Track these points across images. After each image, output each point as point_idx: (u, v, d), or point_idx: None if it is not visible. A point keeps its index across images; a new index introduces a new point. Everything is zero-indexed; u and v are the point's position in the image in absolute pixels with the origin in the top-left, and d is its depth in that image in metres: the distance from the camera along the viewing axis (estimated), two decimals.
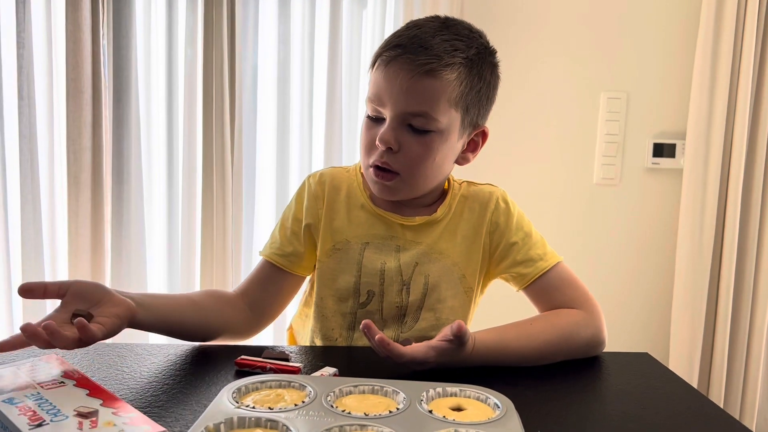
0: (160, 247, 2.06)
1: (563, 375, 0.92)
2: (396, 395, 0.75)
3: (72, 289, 0.83)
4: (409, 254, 1.04)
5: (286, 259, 1.06)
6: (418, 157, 0.98)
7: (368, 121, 1.01)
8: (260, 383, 0.77)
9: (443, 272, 1.04)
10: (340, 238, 1.06)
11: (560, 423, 0.77)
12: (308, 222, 1.07)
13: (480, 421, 0.69)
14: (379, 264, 1.04)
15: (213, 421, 0.65)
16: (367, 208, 1.06)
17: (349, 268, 1.05)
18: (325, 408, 0.70)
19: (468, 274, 1.05)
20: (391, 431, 0.65)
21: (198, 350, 0.97)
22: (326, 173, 1.11)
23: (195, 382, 0.84)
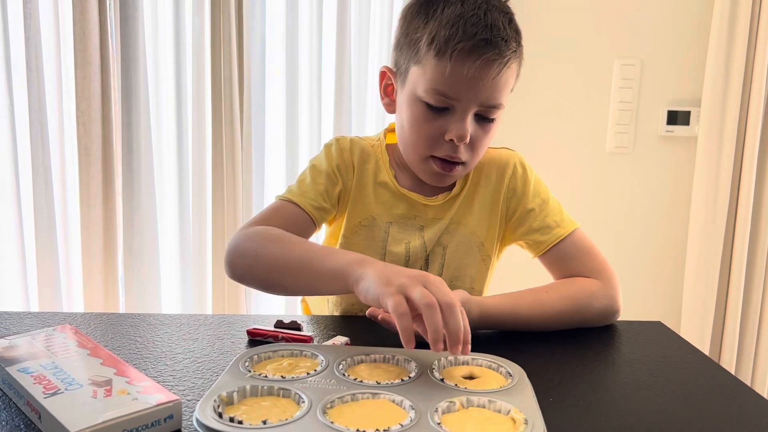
0: (172, 218, 2.06)
1: (575, 343, 0.91)
2: (408, 364, 0.75)
3: None
4: (431, 231, 1.03)
5: (318, 212, 1.01)
6: (483, 145, 0.98)
7: (428, 111, 0.93)
8: (272, 352, 0.77)
9: (462, 242, 1.04)
10: (366, 215, 1.04)
11: (572, 391, 0.76)
12: (341, 188, 1.04)
13: (492, 390, 0.69)
14: (404, 244, 1.03)
15: (226, 390, 0.65)
16: (391, 188, 1.05)
17: (375, 246, 1.04)
18: (337, 376, 0.70)
19: (486, 242, 1.05)
20: (402, 399, 0.65)
21: (210, 320, 0.97)
22: (356, 143, 1.07)
23: (207, 352, 0.85)
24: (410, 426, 0.60)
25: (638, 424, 0.68)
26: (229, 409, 0.63)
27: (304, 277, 0.86)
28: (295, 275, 0.87)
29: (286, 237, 0.91)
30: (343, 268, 0.81)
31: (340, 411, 0.63)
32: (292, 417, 0.61)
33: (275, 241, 0.91)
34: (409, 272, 0.75)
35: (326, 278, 0.83)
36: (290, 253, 0.88)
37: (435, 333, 0.69)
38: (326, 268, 0.83)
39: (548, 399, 0.73)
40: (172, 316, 0.98)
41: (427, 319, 0.69)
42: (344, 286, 0.80)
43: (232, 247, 0.94)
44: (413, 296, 0.70)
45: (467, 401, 0.66)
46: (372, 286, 0.75)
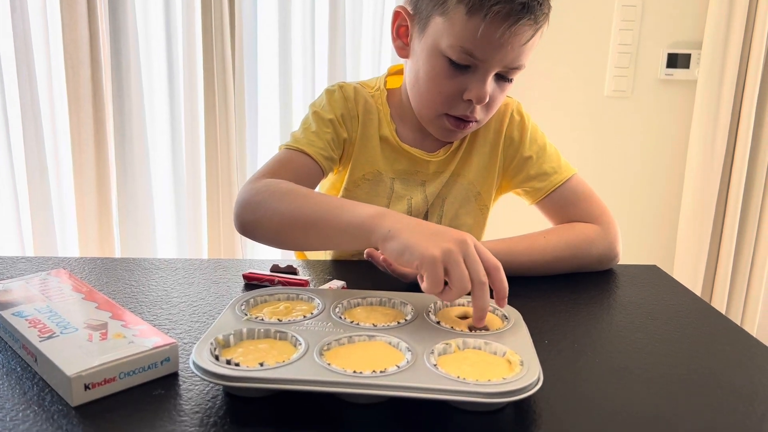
0: (165, 162, 2.04)
1: (572, 287, 0.92)
2: (404, 307, 0.75)
3: None
4: (433, 186, 1.02)
5: (327, 162, 0.98)
6: (498, 103, 0.96)
7: (449, 67, 0.89)
8: (269, 296, 0.77)
9: (460, 193, 1.03)
10: (371, 168, 1.02)
11: (567, 334, 0.77)
12: (346, 138, 1.01)
13: (488, 333, 0.69)
14: (406, 200, 1.02)
15: (222, 333, 0.65)
16: (392, 143, 1.02)
17: (378, 202, 1.02)
18: (333, 319, 0.70)
19: (483, 191, 1.04)
20: (399, 341, 0.65)
21: (206, 264, 0.97)
22: (360, 92, 1.03)
23: (203, 295, 0.84)
24: (406, 367, 0.60)
25: (633, 366, 0.69)
26: (226, 352, 0.63)
27: (319, 233, 0.81)
28: (309, 231, 0.82)
29: (298, 190, 0.86)
30: (364, 223, 0.75)
31: (336, 353, 0.63)
32: (289, 359, 0.61)
33: (287, 195, 0.85)
34: (449, 235, 0.69)
35: (344, 234, 0.77)
36: (303, 208, 0.83)
37: (481, 311, 0.68)
38: (344, 222, 0.77)
39: (543, 341, 0.74)
40: (167, 260, 0.98)
41: (476, 298, 0.67)
42: (365, 242, 0.75)
43: (240, 201, 0.89)
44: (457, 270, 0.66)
45: (463, 343, 0.66)
46: (408, 248, 0.68)
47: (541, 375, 0.60)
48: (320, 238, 0.82)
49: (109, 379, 0.60)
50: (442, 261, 0.66)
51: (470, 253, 0.67)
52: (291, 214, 0.83)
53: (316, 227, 0.81)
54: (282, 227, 0.85)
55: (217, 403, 0.60)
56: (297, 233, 0.84)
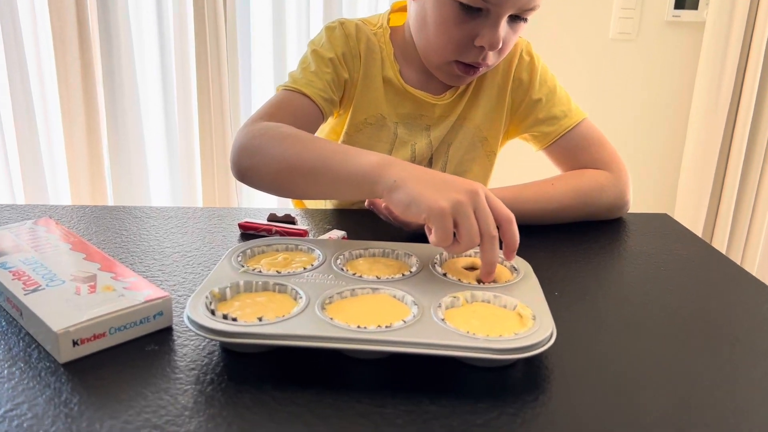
0: (156, 107, 1.98)
1: (581, 236, 0.88)
2: (408, 258, 0.72)
3: None
4: (438, 130, 0.97)
5: (327, 104, 0.92)
6: (510, 46, 0.90)
7: (460, 12, 0.84)
8: (266, 246, 0.73)
9: (466, 138, 0.98)
10: (374, 112, 0.97)
11: (578, 286, 0.74)
12: (347, 78, 0.95)
13: (497, 285, 0.66)
14: (410, 146, 0.97)
15: (218, 285, 0.62)
16: (396, 85, 0.97)
17: (380, 148, 0.97)
18: (335, 271, 0.67)
19: (490, 137, 0.99)
20: (404, 294, 0.62)
21: (200, 213, 0.93)
22: (362, 29, 0.97)
23: (197, 245, 0.81)
24: (413, 322, 0.57)
25: (645, 318, 0.66)
26: (222, 306, 0.60)
27: (320, 181, 0.75)
28: (309, 179, 0.76)
29: (298, 135, 0.80)
30: (368, 172, 0.69)
31: (339, 306, 0.60)
32: (289, 313, 0.58)
33: (286, 140, 0.79)
34: (458, 185, 0.64)
35: (347, 183, 0.72)
36: (303, 153, 0.77)
37: (490, 266, 0.64)
38: (347, 171, 0.72)
39: (554, 293, 0.71)
40: (160, 208, 0.94)
41: (485, 252, 0.64)
42: (369, 193, 0.70)
43: (237, 146, 0.84)
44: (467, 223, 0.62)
45: (471, 296, 0.63)
46: (416, 199, 0.64)
47: (554, 330, 0.57)
48: (321, 186, 0.77)
49: (98, 335, 0.57)
50: (451, 213, 0.62)
51: (481, 205, 0.63)
52: (290, 160, 0.78)
53: (316, 175, 0.76)
54: (280, 174, 0.79)
55: (213, 359, 0.57)
56: (296, 180, 0.78)
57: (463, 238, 0.63)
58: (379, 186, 0.68)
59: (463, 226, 0.62)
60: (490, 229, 0.63)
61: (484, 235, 0.63)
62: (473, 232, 0.62)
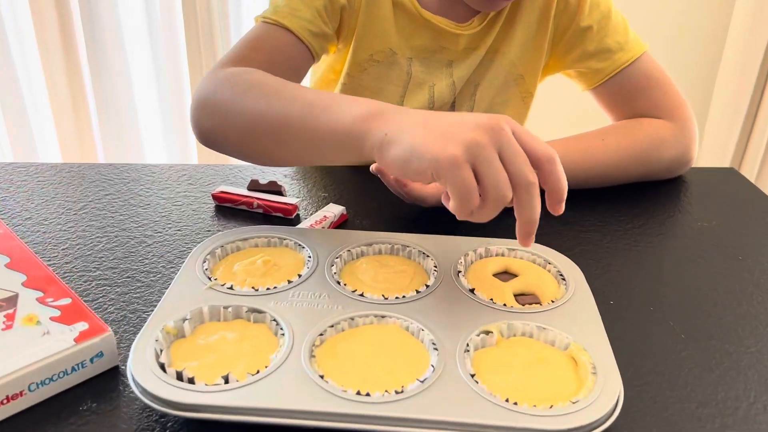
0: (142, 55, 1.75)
1: (635, 207, 0.72)
2: (424, 260, 0.56)
3: None
4: (463, 67, 0.77)
5: (317, 40, 0.73)
6: None
7: None
8: (242, 241, 0.57)
9: (497, 76, 0.79)
10: (381, 46, 0.77)
11: (638, 289, 0.59)
12: (344, 3, 0.74)
13: (540, 309, 0.50)
14: (427, 89, 0.78)
15: (174, 317, 0.47)
16: (410, 10, 0.76)
17: (389, 92, 0.79)
18: (329, 286, 0.51)
19: (527, 75, 0.80)
20: (419, 327, 0.47)
21: (167, 174, 0.76)
22: None
23: (158, 228, 0.65)
24: (433, 381, 0.42)
25: (735, 346, 0.51)
26: (179, 350, 0.45)
27: (294, 142, 0.58)
28: (281, 139, 0.59)
29: (268, 83, 0.62)
30: (352, 127, 0.51)
31: (334, 349, 0.45)
32: (266, 367, 0.43)
33: (252, 90, 0.61)
34: (472, 121, 0.45)
35: (328, 143, 0.54)
36: (273, 108, 0.59)
37: (529, 224, 0.46)
38: (326, 127, 0.54)
39: (608, 303, 0.56)
40: (116, 166, 0.77)
41: (522, 206, 0.45)
42: (357, 154, 0.52)
43: (196, 101, 0.66)
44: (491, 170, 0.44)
45: (508, 328, 0.48)
46: (416, 151, 0.46)
47: (621, 392, 0.42)
48: (296, 148, 0.59)
49: (14, 395, 0.43)
50: (466, 160, 0.44)
51: (508, 143, 0.44)
52: (257, 116, 0.60)
53: (289, 134, 0.57)
54: (246, 135, 0.61)
55: (169, 424, 0.43)
56: (266, 143, 0.60)
57: (490, 192, 0.44)
58: (368, 143, 0.50)
59: (486, 175, 0.44)
60: (525, 173, 0.44)
61: (518, 182, 0.44)
62: (501, 182, 0.44)
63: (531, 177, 0.44)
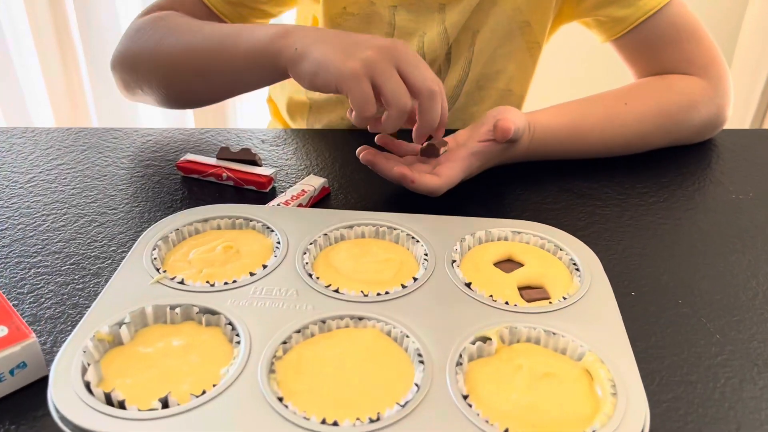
0: None
1: (659, 175, 0.63)
2: (414, 246, 0.47)
3: None
4: (456, 12, 0.67)
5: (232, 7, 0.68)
6: None
7: None
8: (202, 223, 0.49)
9: (499, 23, 0.69)
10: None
11: (664, 278, 0.50)
12: None
13: (550, 308, 0.42)
14: (417, 38, 0.68)
15: (111, 319, 0.39)
16: None
17: None
18: (298, 279, 0.43)
19: (534, 21, 0.69)
20: (404, 333, 0.39)
21: (131, 139, 0.68)
22: None
23: (112, 205, 0.57)
24: (416, 405, 0.34)
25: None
26: (110, 363, 0.37)
27: (215, 72, 0.60)
28: (203, 72, 0.60)
29: (189, 24, 0.63)
30: (267, 46, 0.55)
31: (297, 364, 0.37)
32: (215, 385, 0.35)
33: (171, 33, 0.62)
34: (369, 39, 0.52)
35: (246, 65, 0.57)
36: (193, 43, 0.60)
37: (427, 128, 0.52)
38: (243, 50, 0.57)
39: (629, 294, 0.47)
40: (73, 130, 0.69)
41: (425, 111, 0.50)
42: (273, 72, 0.56)
43: (116, 54, 0.66)
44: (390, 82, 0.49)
45: (510, 332, 0.40)
46: (322, 65, 0.50)
47: (647, 419, 0.34)
48: (218, 79, 0.61)
49: None
50: (365, 73, 0.49)
51: (404, 56, 0.50)
52: (178, 55, 0.61)
53: (210, 65, 0.60)
54: (169, 77, 0.63)
55: None
56: (189, 78, 0.62)
57: (390, 101, 0.49)
58: (282, 59, 0.55)
59: (385, 86, 0.49)
60: (427, 81, 0.50)
61: (420, 90, 0.50)
62: (398, 90, 0.49)
63: (433, 85, 0.50)
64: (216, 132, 0.69)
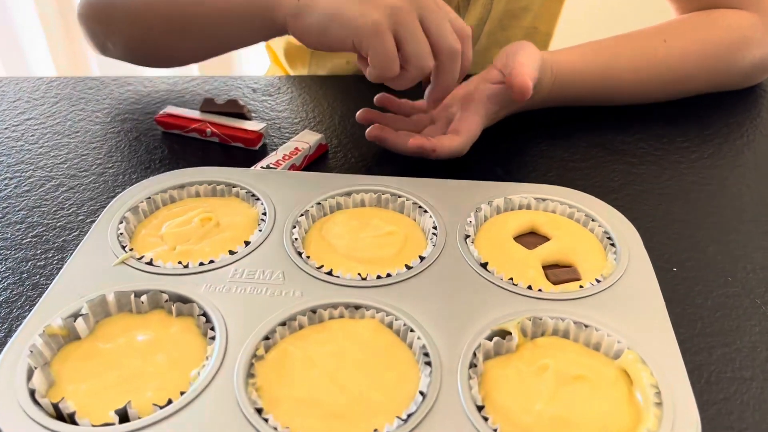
0: None
1: (702, 127, 0.56)
2: (421, 216, 0.41)
3: None
4: None
5: None
6: None
7: None
8: (177, 189, 0.43)
9: None
10: None
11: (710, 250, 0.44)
12: None
13: (579, 292, 0.36)
14: None
15: (66, 309, 0.34)
16: None
17: None
18: (286, 258, 0.37)
19: None
20: (407, 325, 0.33)
21: (106, 90, 0.61)
22: None
23: (84, 167, 0.51)
24: (420, 419, 0.29)
25: None
26: (64, 366, 0.32)
27: (194, 25, 0.51)
28: (188, 27, 0.52)
29: None
30: (264, 2, 0.47)
31: (280, 365, 0.32)
32: (182, 393, 0.30)
33: None
34: None
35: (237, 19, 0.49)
36: None
37: (444, 91, 0.46)
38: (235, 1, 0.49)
39: (670, 270, 0.41)
40: (45, 80, 0.62)
41: (443, 72, 0.44)
42: (267, 25, 0.47)
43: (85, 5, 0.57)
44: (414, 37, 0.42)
45: (533, 324, 0.34)
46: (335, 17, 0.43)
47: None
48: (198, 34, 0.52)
49: None
50: (389, 26, 0.42)
51: (429, 8, 0.43)
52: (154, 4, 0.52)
53: (196, 19, 0.51)
54: (143, 30, 0.54)
55: None
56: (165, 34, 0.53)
57: (411, 60, 0.42)
58: (280, 11, 0.46)
59: (408, 42, 0.42)
60: (449, 40, 0.43)
61: (441, 49, 0.43)
62: (423, 50, 0.43)
63: (455, 44, 0.43)
64: (202, 80, 0.62)
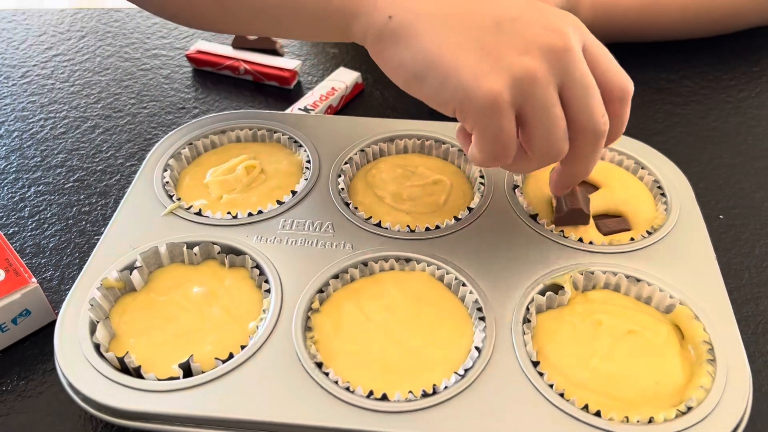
0: None
1: (750, 60, 0.54)
2: (466, 163, 0.40)
3: None
4: None
5: None
6: None
7: None
8: (218, 134, 0.42)
9: None
10: None
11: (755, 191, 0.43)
12: None
13: (630, 245, 0.35)
14: None
15: (120, 262, 0.34)
16: None
17: None
18: (335, 209, 0.37)
19: None
20: (459, 278, 0.33)
21: (128, 27, 0.59)
22: None
23: (117, 107, 0.50)
24: (477, 375, 0.29)
25: None
26: (123, 318, 0.33)
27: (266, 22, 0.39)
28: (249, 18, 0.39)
29: None
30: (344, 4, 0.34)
31: (336, 319, 0.32)
32: (243, 347, 0.31)
33: None
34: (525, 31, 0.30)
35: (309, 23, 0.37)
36: None
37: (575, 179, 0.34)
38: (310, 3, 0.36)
39: (716, 217, 0.41)
40: (69, 12, 0.60)
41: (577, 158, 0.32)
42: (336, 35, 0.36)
43: None
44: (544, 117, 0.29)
45: (586, 277, 0.34)
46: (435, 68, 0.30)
47: (750, 392, 0.29)
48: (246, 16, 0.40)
49: None
50: (512, 102, 0.29)
51: (575, 72, 0.29)
52: None
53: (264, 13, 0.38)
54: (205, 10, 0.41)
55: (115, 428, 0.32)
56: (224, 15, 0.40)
57: (538, 146, 0.30)
58: (358, 24, 0.34)
59: (536, 124, 0.30)
60: (595, 118, 0.30)
61: (581, 129, 0.30)
62: (556, 135, 0.30)
63: (602, 125, 0.30)
64: None
